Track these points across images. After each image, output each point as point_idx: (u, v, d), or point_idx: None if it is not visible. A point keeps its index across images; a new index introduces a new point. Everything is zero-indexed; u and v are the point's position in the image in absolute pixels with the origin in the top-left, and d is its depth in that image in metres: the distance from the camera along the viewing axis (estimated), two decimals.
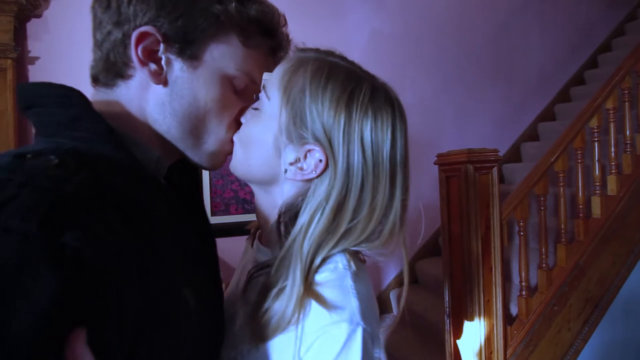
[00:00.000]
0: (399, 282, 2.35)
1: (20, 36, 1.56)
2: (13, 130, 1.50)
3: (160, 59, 0.41)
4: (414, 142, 2.05)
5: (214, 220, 1.88)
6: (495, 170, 1.27)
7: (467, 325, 1.29)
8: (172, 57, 0.41)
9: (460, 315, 1.31)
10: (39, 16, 1.61)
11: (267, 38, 0.47)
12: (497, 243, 1.28)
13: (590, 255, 1.53)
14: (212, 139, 0.45)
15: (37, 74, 1.61)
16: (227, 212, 1.91)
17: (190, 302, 0.38)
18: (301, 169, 0.43)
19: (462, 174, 1.24)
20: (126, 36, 0.40)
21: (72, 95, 0.38)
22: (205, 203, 1.97)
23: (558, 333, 1.47)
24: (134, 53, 0.40)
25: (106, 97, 0.43)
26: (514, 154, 2.71)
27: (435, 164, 1.38)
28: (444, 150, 2.47)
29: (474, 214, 1.24)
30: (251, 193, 2.05)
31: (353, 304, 0.39)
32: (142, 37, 0.40)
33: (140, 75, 0.41)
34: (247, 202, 1.95)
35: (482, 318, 1.27)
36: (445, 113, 2.51)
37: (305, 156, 0.43)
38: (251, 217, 1.98)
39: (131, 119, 0.42)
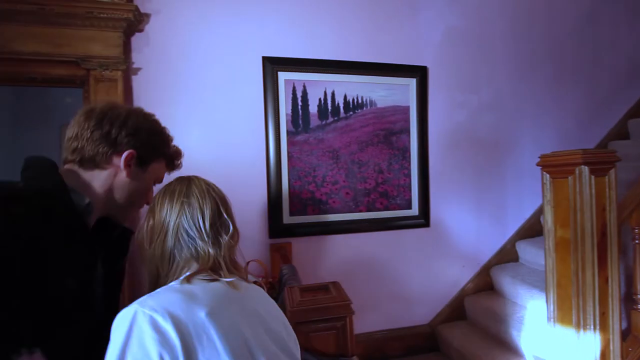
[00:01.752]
0: (474, 287, 2.26)
1: (125, 49, 1.71)
2: None
3: (131, 165, 0.79)
4: (489, 141, 2.02)
5: (291, 220, 1.94)
6: (613, 172, 1.17)
7: (577, 338, 1.20)
8: (136, 165, 0.80)
9: (567, 327, 1.22)
10: (141, 31, 1.76)
11: (173, 161, 0.91)
12: (615, 251, 1.18)
13: None
14: (136, 207, 0.86)
15: (139, 83, 1.76)
16: (304, 212, 1.95)
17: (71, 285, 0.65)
18: None
19: (575, 176, 1.16)
20: (114, 151, 0.77)
21: (49, 163, 0.74)
22: (283, 204, 2.02)
23: None
24: (123, 162, 0.77)
25: (81, 173, 0.76)
26: None
27: (538, 165, 1.30)
28: (520, 150, 2.34)
29: (589, 219, 1.15)
30: (327, 194, 2.06)
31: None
32: (130, 155, 0.78)
33: (112, 169, 0.78)
34: (322, 203, 1.98)
35: (596, 331, 1.18)
36: (522, 111, 2.37)
37: None
38: (326, 217, 2.01)
39: (86, 185, 0.76)
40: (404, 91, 2.10)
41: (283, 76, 1.90)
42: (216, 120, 1.85)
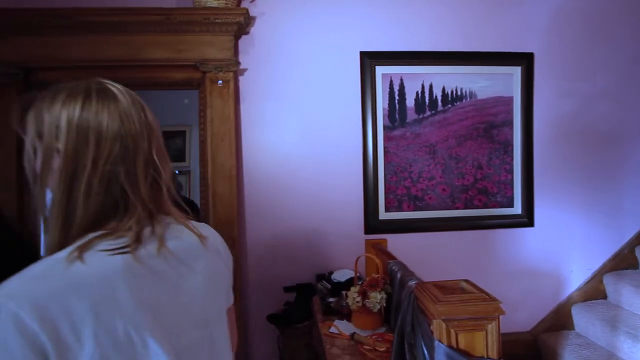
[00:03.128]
0: (583, 294, 2.06)
1: (234, 52, 1.81)
2: (234, 133, 1.75)
3: None
4: (604, 133, 1.80)
5: (387, 216, 1.91)
6: None
7: None
8: None
9: None
10: (247, 33, 1.85)
11: None
12: None
13: None
14: None
15: (245, 83, 1.86)
16: (399, 208, 1.92)
17: None
18: None
19: None
20: None
21: None
22: (379, 200, 1.94)
23: None
24: None
25: None
26: None
27: None
28: None
29: None
30: (423, 190, 1.99)
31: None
32: None
33: None
34: (418, 199, 1.93)
35: None
36: None
37: None
38: (422, 214, 1.95)
39: None
40: (507, 81, 1.96)
41: (380, 70, 1.89)
42: (315, 116, 1.89)
